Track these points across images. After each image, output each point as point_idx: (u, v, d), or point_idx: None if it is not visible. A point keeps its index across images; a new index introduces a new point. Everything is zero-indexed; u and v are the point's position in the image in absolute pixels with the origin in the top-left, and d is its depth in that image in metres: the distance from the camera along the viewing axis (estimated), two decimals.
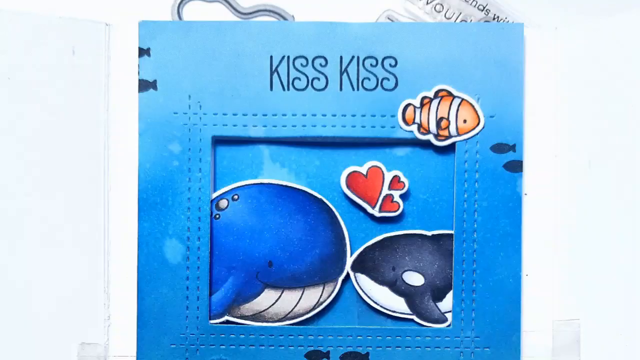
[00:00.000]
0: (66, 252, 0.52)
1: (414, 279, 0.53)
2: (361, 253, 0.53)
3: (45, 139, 0.52)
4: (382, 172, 0.52)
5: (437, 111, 0.52)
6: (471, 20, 0.53)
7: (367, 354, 0.53)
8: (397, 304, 0.53)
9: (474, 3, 0.54)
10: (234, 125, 0.52)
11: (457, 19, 0.55)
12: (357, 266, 0.53)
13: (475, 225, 0.52)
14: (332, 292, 0.53)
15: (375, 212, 0.52)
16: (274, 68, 0.52)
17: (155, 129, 0.52)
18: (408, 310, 0.53)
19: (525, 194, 0.53)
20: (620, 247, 0.52)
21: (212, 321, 0.53)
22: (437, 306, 0.53)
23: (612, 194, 0.52)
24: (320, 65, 0.52)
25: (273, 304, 0.53)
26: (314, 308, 0.53)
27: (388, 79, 0.52)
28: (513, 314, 0.52)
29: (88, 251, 0.52)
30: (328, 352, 0.53)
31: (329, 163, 0.53)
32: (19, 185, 0.52)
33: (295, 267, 0.53)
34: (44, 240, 0.52)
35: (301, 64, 0.52)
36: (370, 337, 0.53)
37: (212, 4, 0.56)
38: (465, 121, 0.52)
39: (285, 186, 0.53)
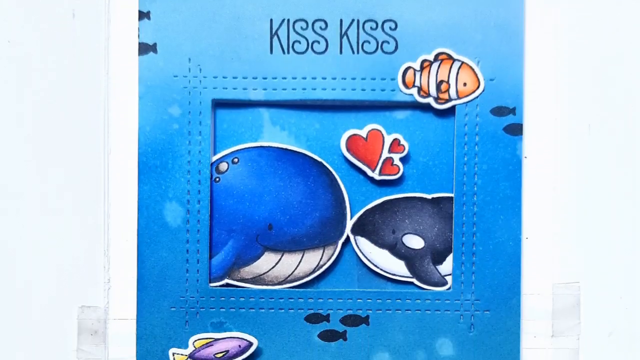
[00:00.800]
0: (66, 215, 0.52)
1: (414, 242, 0.53)
2: (361, 216, 0.53)
3: (45, 103, 0.52)
4: (382, 135, 0.52)
5: (437, 74, 0.52)
6: None
7: (367, 316, 0.53)
8: (397, 267, 0.53)
9: None
10: (234, 89, 0.52)
11: None
12: (357, 229, 0.53)
13: (475, 189, 0.52)
14: (332, 255, 0.53)
15: (375, 175, 0.52)
16: (274, 31, 0.52)
17: (155, 92, 0.52)
18: (408, 274, 0.53)
19: (525, 157, 0.53)
20: (620, 211, 0.52)
21: (212, 284, 0.53)
22: (437, 269, 0.53)
23: (611, 157, 0.52)
24: (320, 28, 0.52)
25: (273, 267, 0.53)
26: (314, 271, 0.53)
27: (388, 42, 0.52)
28: (513, 277, 0.52)
29: (88, 214, 0.52)
30: (328, 315, 0.53)
31: (328, 126, 0.53)
32: (19, 150, 0.52)
33: (295, 230, 0.53)
34: (44, 205, 0.52)
35: (301, 27, 0.52)
36: (370, 300, 0.53)
37: None
38: (465, 84, 0.52)
39: (285, 149, 0.53)
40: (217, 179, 0.53)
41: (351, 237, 0.53)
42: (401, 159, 0.52)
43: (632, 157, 0.52)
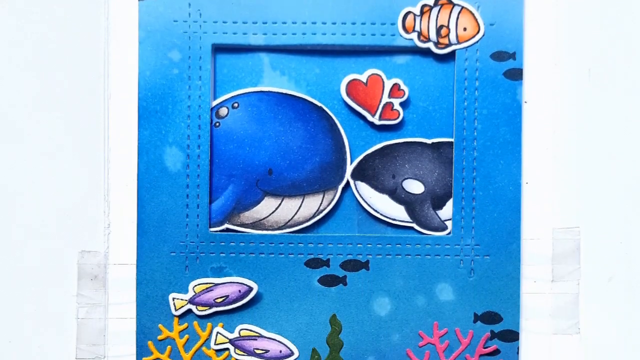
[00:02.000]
0: (66, 160, 0.52)
1: (414, 186, 0.53)
2: (361, 161, 0.53)
3: (45, 48, 0.52)
4: (382, 80, 0.52)
5: (437, 19, 0.52)
6: None
7: (367, 261, 0.53)
8: (397, 212, 0.53)
9: None
10: (234, 33, 0.52)
11: None
12: (357, 174, 0.53)
13: (475, 133, 0.52)
14: (332, 200, 0.53)
15: (375, 120, 0.52)
16: None
17: (155, 37, 0.52)
18: (408, 218, 0.53)
19: (525, 102, 0.53)
20: (620, 155, 0.52)
21: (212, 229, 0.53)
22: (437, 214, 0.53)
23: (611, 101, 0.52)
24: None
25: (273, 212, 0.53)
26: (314, 216, 0.53)
27: None
28: (513, 221, 0.52)
29: (88, 159, 0.52)
30: (328, 260, 0.53)
31: (328, 71, 0.53)
32: (20, 94, 0.52)
33: (295, 175, 0.53)
34: (44, 149, 0.52)
35: None
36: (370, 245, 0.53)
37: None
38: (465, 29, 0.52)
39: (285, 94, 0.53)
40: (217, 124, 0.53)
41: (351, 182, 0.53)
42: (401, 104, 0.52)
43: (632, 101, 0.52)
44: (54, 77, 0.52)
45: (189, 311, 0.52)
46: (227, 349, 0.53)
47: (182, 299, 0.52)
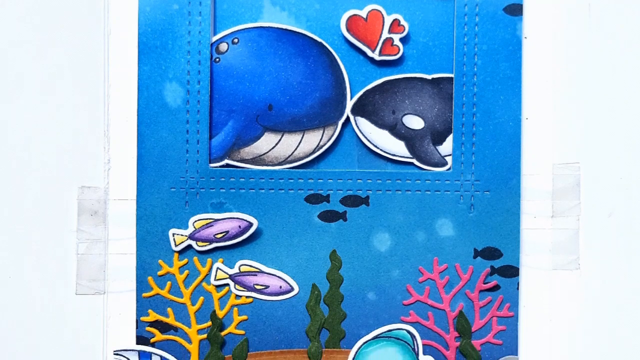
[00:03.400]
0: (66, 96, 0.52)
1: (414, 122, 0.53)
2: (361, 97, 0.53)
3: None
4: (382, 15, 0.52)
5: None
6: None
7: (367, 197, 0.53)
8: (397, 148, 0.53)
9: None
10: None
11: None
12: (357, 109, 0.53)
13: (475, 69, 0.52)
14: (332, 135, 0.53)
15: (375, 55, 0.52)
16: None
17: None
18: (408, 154, 0.53)
19: (525, 38, 0.53)
20: (620, 89, 0.52)
21: (212, 165, 0.53)
22: (437, 149, 0.53)
23: (611, 36, 0.52)
24: None
25: (273, 148, 0.53)
26: (313, 151, 0.53)
27: None
28: (513, 157, 0.52)
29: (88, 95, 0.52)
30: (328, 195, 0.53)
31: (328, 6, 0.53)
32: (17, 30, 0.52)
33: (295, 111, 0.53)
34: (44, 86, 0.52)
35: None
36: (370, 181, 0.53)
37: None
38: None
39: (285, 30, 0.53)
40: (217, 60, 0.53)
41: (351, 117, 0.53)
42: (401, 40, 0.52)
43: (633, 36, 0.52)
44: (54, 13, 0.52)
45: (189, 247, 0.52)
46: (227, 284, 0.53)
47: (182, 235, 0.52)
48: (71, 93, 0.52)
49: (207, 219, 0.52)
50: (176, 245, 0.52)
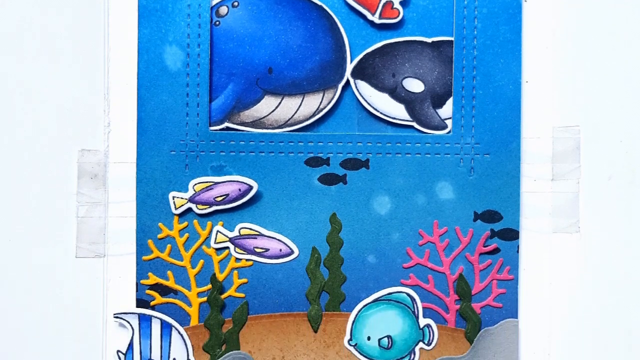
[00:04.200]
0: (66, 59, 0.52)
1: (414, 85, 0.53)
2: (361, 60, 0.53)
3: None
4: None
5: None
6: None
7: (367, 160, 0.53)
8: (397, 111, 0.53)
9: None
10: None
11: None
12: (357, 73, 0.53)
13: (475, 32, 0.52)
14: (332, 98, 0.53)
15: (375, 18, 0.52)
16: None
17: None
18: (408, 117, 0.53)
19: (525, 1, 0.53)
20: (621, 52, 0.52)
21: (212, 128, 0.53)
22: (437, 113, 0.53)
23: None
24: None
25: (273, 111, 0.53)
26: (313, 115, 0.53)
27: None
28: (513, 120, 0.52)
29: (88, 58, 0.52)
30: (328, 158, 0.53)
31: None
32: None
33: (295, 74, 0.53)
34: (43, 48, 0.52)
35: None
36: (370, 144, 0.53)
37: None
38: None
39: None
40: (217, 23, 0.53)
41: (351, 80, 0.53)
42: (401, 3, 0.52)
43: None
44: None
45: (189, 210, 0.52)
46: (227, 247, 0.53)
47: (182, 198, 0.52)
48: (71, 56, 0.52)
49: (207, 182, 0.52)
50: (176, 209, 0.52)
